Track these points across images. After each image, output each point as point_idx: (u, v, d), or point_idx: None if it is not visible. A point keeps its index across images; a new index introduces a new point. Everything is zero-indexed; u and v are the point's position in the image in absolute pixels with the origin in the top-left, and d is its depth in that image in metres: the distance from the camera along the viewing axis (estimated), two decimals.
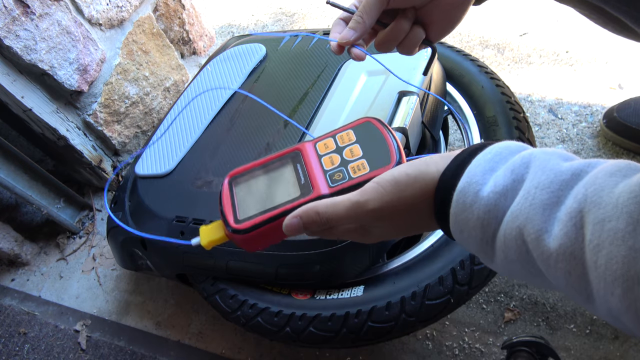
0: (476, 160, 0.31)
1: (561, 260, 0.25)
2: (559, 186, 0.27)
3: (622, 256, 0.23)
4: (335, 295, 0.60)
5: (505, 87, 0.75)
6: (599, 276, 0.24)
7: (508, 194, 0.29)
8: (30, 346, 0.87)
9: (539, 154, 0.29)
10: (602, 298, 0.24)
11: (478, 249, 0.31)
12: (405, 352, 0.71)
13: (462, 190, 0.30)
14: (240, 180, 0.43)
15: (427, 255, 0.61)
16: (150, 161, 0.80)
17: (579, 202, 0.25)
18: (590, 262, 0.24)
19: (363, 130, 0.42)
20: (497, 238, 0.30)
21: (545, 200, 0.27)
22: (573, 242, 0.25)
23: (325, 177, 0.40)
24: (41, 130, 0.92)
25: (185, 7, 1.14)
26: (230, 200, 0.42)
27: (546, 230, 0.26)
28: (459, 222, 0.31)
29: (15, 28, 0.77)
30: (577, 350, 0.67)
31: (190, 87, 0.90)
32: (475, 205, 0.30)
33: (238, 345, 0.78)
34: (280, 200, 0.40)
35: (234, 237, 0.40)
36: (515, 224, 0.28)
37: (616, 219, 0.23)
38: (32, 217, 1.08)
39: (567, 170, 0.27)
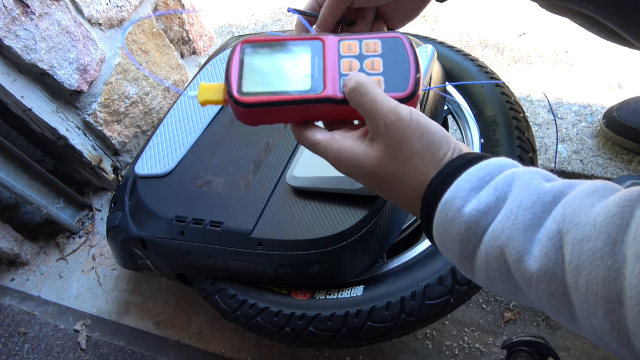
0: (467, 175, 0.31)
1: (542, 282, 0.25)
2: (541, 208, 0.27)
3: (602, 277, 0.23)
4: (335, 295, 0.60)
5: (505, 87, 0.75)
6: (581, 298, 0.24)
7: (490, 213, 0.29)
8: (30, 346, 0.87)
9: (522, 173, 0.29)
10: (585, 320, 0.24)
11: (457, 262, 0.32)
12: (405, 352, 0.71)
13: (446, 203, 0.31)
14: (254, 50, 0.40)
15: (427, 255, 0.61)
16: (150, 161, 0.80)
17: (557, 223, 0.25)
18: (572, 283, 0.24)
19: (391, 46, 0.40)
20: (477, 256, 0.30)
21: (527, 221, 0.27)
22: (554, 264, 0.25)
23: (339, 80, 0.39)
24: (41, 130, 0.92)
25: (185, 8, 1.14)
26: (239, 68, 0.39)
27: (527, 252, 0.26)
28: (440, 234, 0.32)
29: (15, 28, 0.77)
30: (577, 350, 0.67)
31: (190, 87, 0.90)
32: (457, 221, 0.30)
33: (238, 345, 0.78)
34: (288, 87, 0.39)
35: (234, 107, 0.39)
36: (497, 243, 0.28)
37: (595, 239, 0.23)
38: (32, 217, 1.08)
39: (549, 192, 0.27)
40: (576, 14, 0.54)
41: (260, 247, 0.61)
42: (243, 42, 0.40)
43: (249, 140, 0.74)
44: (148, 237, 0.70)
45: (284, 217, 0.62)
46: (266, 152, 0.71)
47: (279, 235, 0.60)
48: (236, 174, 0.70)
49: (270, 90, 0.38)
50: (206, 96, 0.40)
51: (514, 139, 0.68)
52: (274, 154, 0.70)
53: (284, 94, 0.38)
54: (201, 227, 0.65)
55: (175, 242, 0.67)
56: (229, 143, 0.75)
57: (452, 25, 1.19)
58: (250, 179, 0.68)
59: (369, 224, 0.58)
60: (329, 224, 0.59)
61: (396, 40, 0.40)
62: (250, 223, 0.62)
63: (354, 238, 0.58)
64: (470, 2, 1.22)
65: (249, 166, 0.70)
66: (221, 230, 0.64)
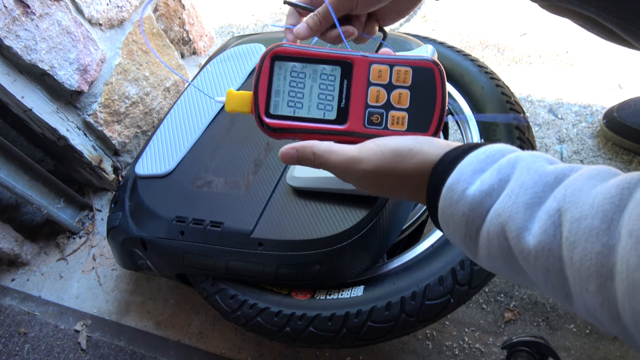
0: (469, 158, 0.32)
1: (540, 257, 0.26)
2: (542, 187, 0.28)
3: (596, 252, 0.23)
4: (335, 295, 0.60)
5: (505, 87, 0.75)
6: (575, 272, 0.24)
7: (494, 193, 0.30)
8: (30, 346, 0.87)
9: (525, 156, 0.30)
10: (578, 294, 0.25)
11: (462, 243, 0.33)
12: (405, 352, 0.71)
13: (450, 186, 0.32)
14: (284, 64, 0.40)
15: (427, 255, 0.61)
16: (150, 161, 0.80)
17: (558, 202, 0.26)
18: (567, 258, 0.25)
19: (421, 76, 0.39)
20: (480, 234, 0.30)
21: (528, 199, 0.28)
22: (551, 240, 0.26)
23: (364, 112, 0.39)
24: (41, 130, 0.92)
25: (185, 7, 1.14)
26: (267, 83, 0.40)
27: (527, 228, 0.27)
28: (445, 215, 0.32)
29: (16, 28, 0.77)
30: (577, 350, 0.67)
31: (190, 87, 0.90)
32: (461, 203, 0.31)
33: (238, 345, 0.78)
34: (314, 114, 0.40)
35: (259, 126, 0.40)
36: (499, 221, 0.29)
37: (592, 217, 0.24)
38: (32, 217, 1.08)
39: (551, 173, 0.28)
40: (576, 15, 0.54)
41: (260, 247, 0.61)
42: (273, 53, 0.40)
43: (249, 140, 0.74)
44: (148, 237, 0.70)
45: (284, 217, 0.62)
46: (266, 152, 0.71)
47: (279, 235, 0.60)
48: (236, 174, 0.70)
49: (297, 115, 0.40)
50: (233, 106, 0.41)
51: (514, 139, 0.68)
52: (274, 154, 0.70)
53: (311, 121, 0.39)
54: (201, 227, 0.65)
55: (175, 242, 0.67)
56: (229, 143, 0.75)
57: (452, 25, 1.19)
58: (250, 179, 0.68)
59: (369, 224, 0.58)
60: (329, 224, 0.59)
61: (428, 70, 0.39)
62: (250, 223, 0.63)
63: (354, 238, 0.58)
64: (470, 2, 1.22)
65: (249, 166, 0.70)
66: (221, 230, 0.64)
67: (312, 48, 0.40)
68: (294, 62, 0.40)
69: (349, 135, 0.39)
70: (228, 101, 0.41)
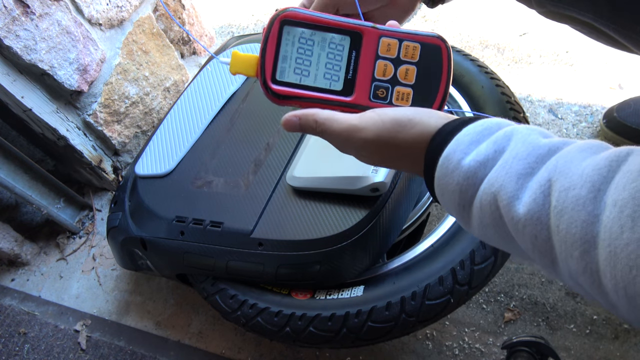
0: (466, 130, 0.33)
1: (528, 225, 0.27)
2: (534, 159, 0.28)
3: (582, 220, 0.24)
4: (335, 295, 0.60)
5: (505, 87, 0.75)
6: (561, 239, 0.25)
7: (488, 164, 0.30)
8: (30, 346, 0.87)
9: (521, 129, 0.31)
10: (563, 261, 0.26)
11: (456, 213, 0.33)
12: (405, 352, 0.71)
13: (446, 156, 0.32)
14: (293, 30, 0.39)
15: (427, 255, 0.61)
16: (150, 161, 0.80)
17: (549, 172, 0.27)
18: (554, 226, 0.26)
19: (429, 52, 0.39)
20: (473, 204, 0.31)
21: (520, 170, 0.28)
22: (540, 208, 0.26)
23: (370, 85, 0.39)
24: (41, 130, 0.92)
25: (185, 7, 1.14)
26: (275, 48, 0.39)
27: (517, 197, 0.28)
28: (440, 185, 0.33)
29: (15, 28, 0.77)
30: (577, 350, 0.67)
31: (190, 87, 0.90)
32: (456, 172, 0.31)
33: (238, 345, 0.78)
34: (320, 83, 0.39)
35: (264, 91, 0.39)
36: (491, 190, 0.29)
37: (580, 187, 0.25)
38: (32, 217, 1.08)
39: (544, 146, 0.29)
40: (574, 21, 0.54)
41: (260, 247, 0.61)
42: (282, 17, 0.39)
43: (249, 140, 0.74)
44: (148, 237, 0.70)
45: (284, 217, 0.62)
46: (266, 152, 0.71)
47: (279, 235, 0.60)
48: (236, 174, 0.70)
49: (303, 83, 0.39)
50: (238, 68, 0.40)
51: None
52: (274, 154, 0.70)
53: (317, 90, 0.39)
54: (201, 227, 0.65)
55: (175, 242, 0.67)
56: (229, 143, 0.75)
57: (452, 25, 1.19)
58: (250, 179, 0.68)
59: (369, 224, 0.58)
60: (329, 224, 0.59)
61: (436, 47, 0.39)
62: (250, 223, 0.62)
63: (354, 238, 0.58)
64: (470, 2, 1.22)
65: (249, 166, 0.70)
66: (221, 230, 0.64)
67: (323, 15, 0.39)
68: (303, 28, 0.39)
69: (353, 107, 0.39)
70: (233, 63, 0.39)
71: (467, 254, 0.57)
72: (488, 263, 0.57)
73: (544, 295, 0.72)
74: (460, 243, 0.59)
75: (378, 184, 0.56)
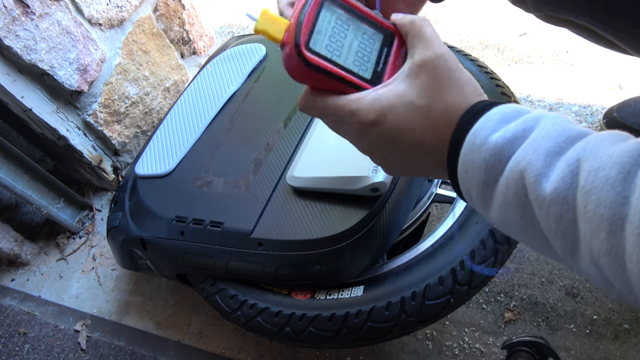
0: (496, 109, 0.33)
1: (554, 204, 0.27)
2: (564, 139, 0.28)
3: (610, 201, 0.24)
4: (335, 295, 0.60)
5: (505, 87, 0.75)
6: (587, 220, 0.25)
7: (516, 142, 0.30)
8: (30, 346, 0.87)
9: (550, 114, 0.31)
10: (587, 242, 0.25)
11: (478, 191, 0.32)
12: (405, 352, 0.71)
13: (474, 132, 0.32)
14: (332, 8, 0.38)
15: (427, 255, 0.61)
16: (150, 161, 0.80)
17: (578, 153, 0.27)
18: (581, 207, 0.25)
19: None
20: (498, 182, 0.31)
21: (550, 148, 0.28)
22: (568, 187, 0.26)
23: None
24: (41, 130, 0.92)
25: (185, 7, 1.14)
26: (314, 18, 0.37)
27: (545, 175, 0.27)
28: (465, 162, 0.33)
29: (15, 28, 0.77)
30: (577, 350, 0.67)
31: (190, 87, 0.90)
32: (483, 148, 0.31)
33: (238, 345, 0.78)
34: (350, 66, 0.38)
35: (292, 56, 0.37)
36: (518, 168, 0.29)
37: (609, 168, 0.24)
38: (32, 217, 1.08)
39: (575, 129, 0.29)
40: (572, 24, 0.54)
41: (260, 247, 0.61)
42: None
43: (249, 140, 0.74)
44: (148, 237, 0.70)
45: (284, 217, 0.62)
46: (266, 152, 0.71)
47: (279, 235, 0.60)
48: (236, 174, 0.70)
49: (336, 60, 0.38)
50: (265, 26, 0.38)
51: None
52: (274, 154, 0.70)
53: (346, 71, 0.38)
54: (201, 227, 0.65)
55: (175, 242, 0.67)
56: (229, 143, 0.75)
57: (452, 25, 1.19)
58: (250, 179, 0.68)
59: (369, 224, 0.58)
60: (329, 224, 0.59)
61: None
62: (250, 223, 0.62)
63: (354, 238, 0.58)
64: (470, 2, 1.22)
65: (249, 166, 0.70)
66: (221, 230, 0.64)
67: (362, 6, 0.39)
68: (342, 10, 0.38)
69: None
70: (261, 20, 0.37)
71: (467, 253, 0.57)
72: (488, 263, 0.57)
73: (544, 295, 0.72)
74: (460, 243, 0.59)
75: (378, 184, 0.56)
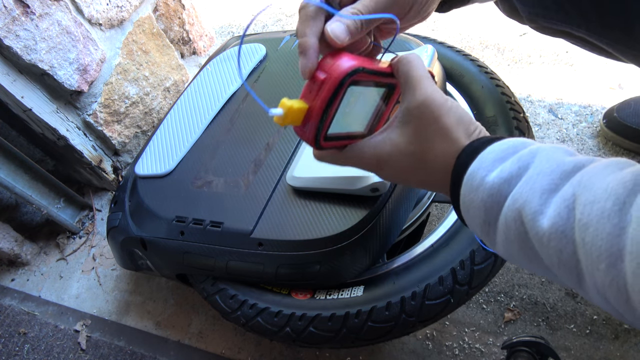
0: (491, 147, 0.33)
1: (553, 239, 0.27)
2: (559, 175, 0.28)
3: (607, 233, 0.24)
4: (335, 295, 0.60)
5: (505, 87, 0.75)
6: (586, 252, 0.25)
7: (512, 181, 0.30)
8: (30, 346, 0.87)
9: (546, 147, 0.31)
10: (589, 275, 0.25)
11: (481, 229, 0.33)
12: (405, 352, 0.71)
13: (471, 173, 0.33)
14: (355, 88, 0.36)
15: (427, 255, 0.61)
16: (150, 161, 0.80)
17: (573, 187, 0.27)
18: (579, 239, 0.26)
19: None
20: (498, 221, 0.31)
21: (545, 185, 0.28)
22: (565, 222, 0.26)
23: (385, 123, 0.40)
24: (41, 130, 0.92)
25: (185, 7, 1.14)
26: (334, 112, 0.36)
27: (541, 212, 0.28)
28: (466, 202, 0.33)
29: (15, 28, 0.76)
30: (577, 350, 0.67)
31: (190, 87, 0.90)
32: (481, 189, 0.32)
33: (238, 345, 0.78)
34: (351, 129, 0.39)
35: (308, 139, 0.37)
36: (515, 206, 0.29)
37: (604, 200, 0.25)
38: (32, 217, 1.08)
39: (569, 163, 0.29)
40: (568, 35, 0.55)
41: (260, 247, 0.61)
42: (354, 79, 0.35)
43: (249, 140, 0.74)
44: (148, 237, 0.70)
45: (284, 217, 0.62)
46: (266, 152, 0.71)
47: (279, 235, 0.60)
48: (236, 174, 0.70)
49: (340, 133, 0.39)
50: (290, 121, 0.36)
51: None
52: (274, 154, 0.70)
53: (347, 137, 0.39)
54: (201, 227, 0.65)
55: (175, 242, 0.67)
56: (229, 143, 0.75)
57: (452, 25, 1.19)
58: (250, 179, 0.68)
59: (369, 224, 0.58)
60: (329, 224, 0.59)
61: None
62: (250, 223, 0.62)
63: (354, 238, 0.58)
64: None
65: (249, 166, 0.70)
66: (221, 230, 0.64)
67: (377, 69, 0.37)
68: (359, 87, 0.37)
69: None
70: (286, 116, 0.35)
71: (467, 254, 0.57)
72: (488, 263, 0.57)
73: (544, 295, 0.72)
74: (460, 243, 0.59)
75: (378, 184, 0.56)
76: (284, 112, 0.35)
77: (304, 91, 0.36)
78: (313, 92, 0.36)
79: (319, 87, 0.35)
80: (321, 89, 0.35)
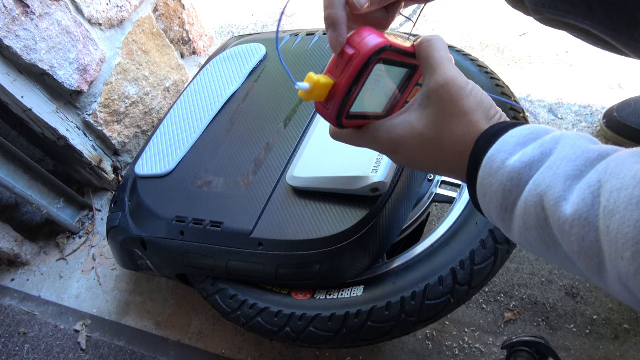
0: (512, 132, 0.32)
1: (576, 226, 0.26)
2: (584, 162, 0.28)
3: (635, 220, 0.23)
4: (335, 295, 0.60)
5: (505, 87, 0.75)
6: (611, 240, 0.24)
7: (534, 165, 0.30)
8: (30, 346, 0.87)
9: (570, 135, 0.30)
10: (612, 263, 0.25)
11: (497, 214, 0.33)
12: (405, 352, 0.71)
13: (491, 156, 0.32)
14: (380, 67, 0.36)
15: (427, 255, 0.61)
16: (150, 161, 0.80)
17: (599, 174, 0.26)
18: (603, 227, 0.25)
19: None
20: (517, 206, 0.30)
21: (569, 171, 0.28)
22: (589, 209, 0.26)
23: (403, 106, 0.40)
24: (41, 130, 0.92)
25: (185, 7, 1.14)
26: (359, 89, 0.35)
27: (565, 198, 0.27)
28: (483, 185, 0.33)
29: (15, 28, 0.77)
30: (577, 350, 0.67)
31: (190, 87, 0.90)
32: (500, 172, 0.31)
33: (238, 345, 0.78)
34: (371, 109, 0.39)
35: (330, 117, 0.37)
36: (537, 191, 0.29)
37: (633, 188, 0.24)
38: (32, 217, 1.08)
39: (594, 150, 0.28)
40: (572, 27, 0.54)
41: (260, 247, 0.61)
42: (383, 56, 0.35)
43: (249, 140, 0.74)
44: (148, 237, 0.70)
45: (284, 217, 0.62)
46: (266, 152, 0.71)
47: (279, 235, 0.60)
48: (236, 174, 0.70)
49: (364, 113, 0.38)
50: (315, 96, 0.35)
51: None
52: (274, 154, 0.70)
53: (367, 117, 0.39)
54: (201, 227, 0.65)
55: (175, 242, 0.67)
56: (229, 143, 0.75)
57: (452, 25, 1.19)
58: (250, 179, 0.68)
59: (369, 224, 0.58)
60: (329, 224, 0.59)
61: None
62: (250, 223, 0.62)
63: (354, 238, 0.58)
64: (470, 2, 1.22)
65: (249, 166, 0.70)
66: (221, 230, 0.64)
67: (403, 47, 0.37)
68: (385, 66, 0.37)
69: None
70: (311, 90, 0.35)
71: (467, 254, 0.57)
72: (488, 263, 0.57)
73: (544, 295, 0.72)
74: (460, 243, 0.59)
75: (378, 184, 0.56)
76: (310, 87, 0.34)
77: (330, 67, 0.35)
78: (340, 67, 0.35)
79: (346, 62, 0.34)
80: (349, 65, 0.34)
